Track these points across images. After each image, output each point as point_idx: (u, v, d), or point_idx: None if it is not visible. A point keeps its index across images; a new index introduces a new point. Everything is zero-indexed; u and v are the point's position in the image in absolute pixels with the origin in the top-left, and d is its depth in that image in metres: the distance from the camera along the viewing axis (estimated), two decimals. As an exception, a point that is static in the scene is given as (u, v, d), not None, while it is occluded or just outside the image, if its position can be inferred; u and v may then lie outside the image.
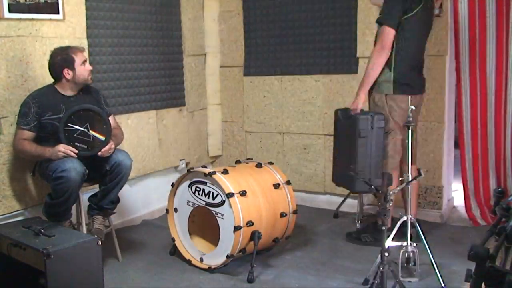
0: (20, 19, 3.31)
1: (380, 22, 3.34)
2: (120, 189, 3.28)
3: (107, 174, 3.18)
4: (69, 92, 3.22)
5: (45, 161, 3.09)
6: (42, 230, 2.74)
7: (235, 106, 4.93)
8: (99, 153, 3.11)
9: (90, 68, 3.24)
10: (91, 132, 3.12)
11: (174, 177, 3.61)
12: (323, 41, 4.41)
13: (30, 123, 3.10)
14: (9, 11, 3.22)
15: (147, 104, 4.29)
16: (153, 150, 4.35)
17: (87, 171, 3.06)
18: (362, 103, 3.43)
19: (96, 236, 3.13)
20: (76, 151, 3.04)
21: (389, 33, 3.27)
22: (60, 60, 3.14)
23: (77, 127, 3.08)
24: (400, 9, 3.28)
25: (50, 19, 3.48)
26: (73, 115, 3.07)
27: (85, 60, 3.20)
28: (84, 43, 3.71)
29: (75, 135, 3.08)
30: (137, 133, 4.20)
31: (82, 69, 3.17)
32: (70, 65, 3.13)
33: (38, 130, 3.13)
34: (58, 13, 3.50)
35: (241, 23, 4.76)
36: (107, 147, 3.14)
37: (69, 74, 3.15)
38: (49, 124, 3.13)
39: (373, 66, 3.35)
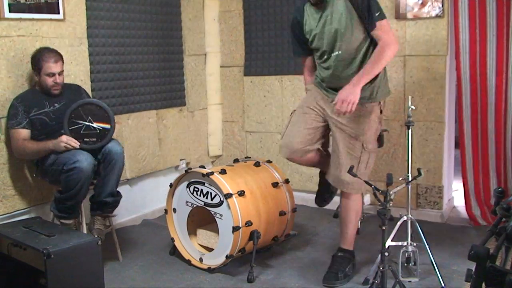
0: (20, 19, 3.31)
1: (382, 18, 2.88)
2: (117, 179, 3.24)
3: (100, 164, 3.20)
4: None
5: (46, 159, 3.11)
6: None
7: (235, 106, 4.93)
8: None
9: (58, 81, 3.20)
10: (96, 124, 3.16)
11: (174, 177, 3.61)
12: (323, 41, 4.41)
13: (22, 121, 3.14)
14: (10, 11, 3.23)
15: (147, 104, 4.29)
16: (153, 150, 4.35)
17: (96, 162, 3.11)
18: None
19: (96, 236, 3.14)
20: (78, 143, 3.08)
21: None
22: (32, 60, 3.22)
23: (80, 122, 3.12)
24: None
25: (51, 19, 3.48)
26: (73, 114, 3.10)
27: (53, 73, 3.17)
28: (84, 43, 3.72)
29: (81, 131, 3.13)
30: (137, 133, 4.20)
31: (46, 79, 3.19)
32: (36, 70, 3.20)
33: (30, 127, 3.17)
34: (58, 13, 3.51)
35: (241, 23, 4.76)
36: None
37: (36, 77, 3.23)
38: (36, 119, 3.18)
39: (388, 58, 2.85)
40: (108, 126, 3.19)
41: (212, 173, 3.21)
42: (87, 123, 3.14)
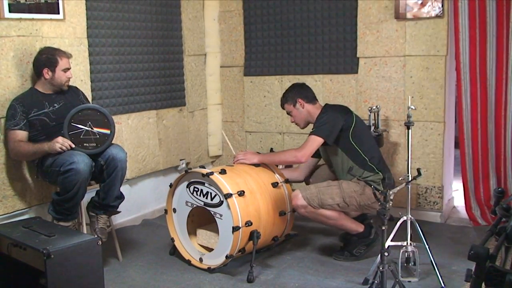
0: (20, 19, 3.31)
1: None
2: (121, 183, 3.27)
3: (103, 170, 3.20)
4: (49, 91, 3.29)
5: (45, 160, 3.11)
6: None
7: (235, 106, 4.93)
8: None
9: (70, 76, 3.30)
10: (95, 129, 3.16)
11: (174, 177, 3.62)
12: (323, 41, 4.41)
13: (20, 122, 3.14)
14: (10, 11, 3.23)
15: (147, 104, 4.29)
16: (153, 150, 4.35)
17: (94, 164, 3.10)
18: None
19: (100, 235, 3.15)
20: (73, 145, 3.08)
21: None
22: (45, 59, 3.21)
23: (80, 126, 3.11)
24: None
25: (51, 19, 3.48)
26: (73, 119, 3.10)
27: (68, 68, 3.26)
28: (84, 43, 3.72)
29: (81, 136, 3.12)
30: (137, 133, 4.20)
31: (62, 74, 3.24)
32: (52, 66, 3.20)
33: (28, 128, 3.17)
34: (58, 13, 3.51)
35: (241, 23, 4.76)
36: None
37: (48, 74, 3.22)
38: (36, 120, 3.19)
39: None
40: (108, 131, 3.18)
41: (212, 173, 3.21)
42: (87, 128, 3.14)
